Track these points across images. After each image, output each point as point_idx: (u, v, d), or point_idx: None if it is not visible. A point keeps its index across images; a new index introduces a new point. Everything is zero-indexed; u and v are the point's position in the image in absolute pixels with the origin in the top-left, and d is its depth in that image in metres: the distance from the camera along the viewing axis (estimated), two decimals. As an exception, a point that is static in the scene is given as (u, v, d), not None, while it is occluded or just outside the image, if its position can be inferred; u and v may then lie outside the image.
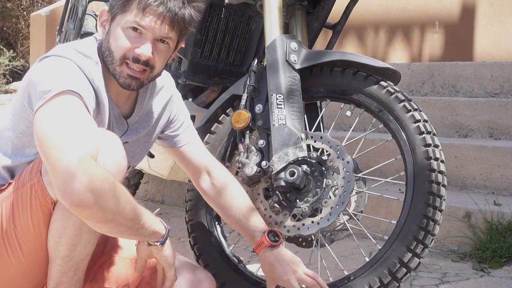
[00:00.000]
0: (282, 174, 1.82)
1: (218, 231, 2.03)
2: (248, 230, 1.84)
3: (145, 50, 1.57)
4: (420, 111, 1.84)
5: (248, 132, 1.94)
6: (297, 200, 1.85)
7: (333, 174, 1.81)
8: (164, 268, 1.63)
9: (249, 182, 1.91)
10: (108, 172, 1.41)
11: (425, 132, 1.80)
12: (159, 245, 1.58)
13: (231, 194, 1.87)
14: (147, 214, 1.53)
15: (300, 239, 1.97)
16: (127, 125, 1.73)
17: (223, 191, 1.87)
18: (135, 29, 1.58)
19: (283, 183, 1.82)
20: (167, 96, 1.83)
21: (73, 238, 1.51)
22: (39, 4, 8.84)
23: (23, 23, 8.88)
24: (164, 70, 1.73)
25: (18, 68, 8.42)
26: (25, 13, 8.90)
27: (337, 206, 1.78)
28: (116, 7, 1.60)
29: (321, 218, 1.80)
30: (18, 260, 1.55)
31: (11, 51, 8.31)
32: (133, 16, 1.57)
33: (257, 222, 1.84)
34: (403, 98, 1.85)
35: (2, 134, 1.63)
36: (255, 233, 1.82)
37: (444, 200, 1.77)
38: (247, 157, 1.89)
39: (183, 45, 1.74)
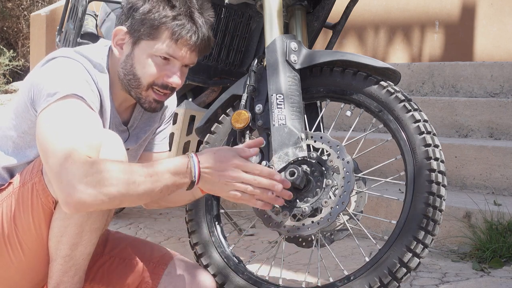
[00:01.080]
0: (282, 174, 1.82)
1: (218, 231, 2.03)
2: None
3: (176, 80, 1.61)
4: (420, 111, 1.84)
5: (248, 132, 1.93)
6: (297, 200, 1.84)
7: (333, 174, 1.81)
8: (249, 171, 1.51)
9: (249, 182, 1.90)
10: (104, 163, 1.40)
11: (425, 132, 1.80)
12: (195, 185, 1.49)
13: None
14: (162, 175, 1.44)
15: (300, 239, 1.97)
16: (128, 132, 1.73)
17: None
18: (165, 58, 1.59)
19: (283, 183, 1.82)
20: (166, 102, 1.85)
21: (74, 237, 1.52)
22: (39, 4, 8.84)
23: (23, 22, 8.88)
24: None
25: (18, 68, 8.41)
26: (25, 12, 8.90)
27: (337, 206, 1.78)
28: (142, 32, 1.58)
29: (321, 218, 1.80)
30: (18, 260, 1.56)
31: (11, 51, 8.31)
32: (165, 46, 1.58)
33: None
34: (403, 98, 1.85)
35: (3, 133, 1.64)
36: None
37: (444, 200, 1.77)
38: (247, 157, 1.89)
39: None
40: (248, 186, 1.49)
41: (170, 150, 2.06)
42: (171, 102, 1.88)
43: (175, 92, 1.95)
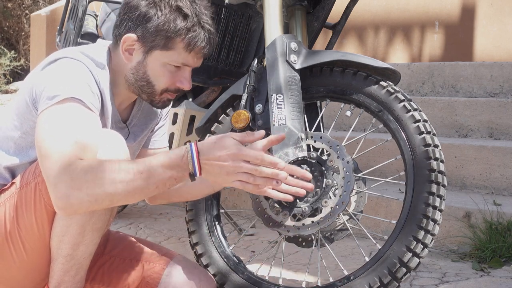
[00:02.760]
0: (282, 174, 1.82)
1: (218, 231, 2.03)
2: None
3: (189, 84, 1.67)
4: (420, 111, 1.85)
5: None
6: (297, 200, 1.85)
7: (333, 174, 1.81)
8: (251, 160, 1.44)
9: (249, 182, 1.91)
10: (91, 170, 1.39)
11: (425, 132, 1.80)
12: (197, 176, 1.45)
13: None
14: (156, 171, 1.42)
15: (300, 239, 1.97)
16: (128, 129, 1.74)
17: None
18: (178, 66, 1.64)
19: (283, 183, 1.82)
20: None
21: (76, 237, 1.52)
22: (40, 3, 8.84)
23: (24, 22, 8.88)
24: None
25: (19, 68, 8.42)
26: (27, 11, 8.90)
27: (337, 206, 1.78)
28: (157, 43, 1.61)
29: (321, 218, 1.80)
30: (21, 259, 1.56)
31: (12, 51, 8.31)
32: (180, 56, 1.62)
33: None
34: (403, 98, 1.85)
35: (4, 134, 1.64)
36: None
37: (444, 200, 1.77)
38: (247, 157, 1.89)
39: None
40: (250, 176, 1.43)
41: (170, 149, 2.06)
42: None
43: None
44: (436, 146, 1.80)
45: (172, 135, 2.44)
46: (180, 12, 1.61)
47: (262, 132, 1.49)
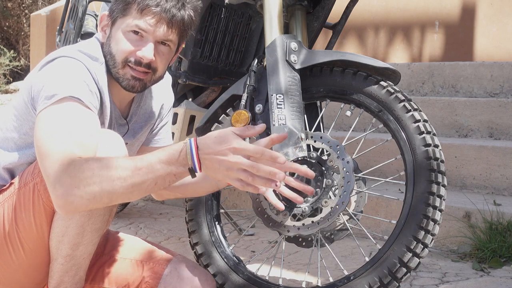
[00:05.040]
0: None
1: (218, 231, 2.03)
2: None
3: (147, 53, 1.58)
4: (420, 111, 1.85)
5: (248, 132, 1.93)
6: (297, 200, 1.85)
7: (333, 174, 1.81)
8: (250, 155, 1.39)
9: (249, 182, 1.90)
10: (88, 167, 1.38)
11: (425, 132, 1.80)
12: (198, 172, 1.41)
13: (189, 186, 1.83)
14: (155, 167, 1.39)
15: (300, 239, 1.97)
16: (128, 125, 1.74)
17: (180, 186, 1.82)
18: (135, 32, 1.59)
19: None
20: (162, 95, 1.85)
21: (75, 237, 1.52)
22: (40, 3, 8.84)
23: (24, 21, 8.88)
24: None
25: (19, 68, 8.41)
26: (26, 11, 8.90)
27: (337, 206, 1.78)
28: (116, 11, 1.61)
29: (321, 218, 1.80)
30: (20, 259, 1.56)
31: (12, 51, 8.31)
32: (133, 19, 1.58)
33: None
34: (403, 98, 1.85)
35: (4, 134, 1.64)
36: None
37: (444, 200, 1.77)
38: (247, 157, 1.89)
39: (183, 46, 1.76)
40: (249, 176, 1.37)
41: None
42: (167, 98, 1.88)
43: (174, 92, 1.95)
44: (436, 146, 1.80)
45: (172, 135, 2.44)
46: None
47: (263, 124, 1.44)
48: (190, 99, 2.55)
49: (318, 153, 1.84)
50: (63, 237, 1.52)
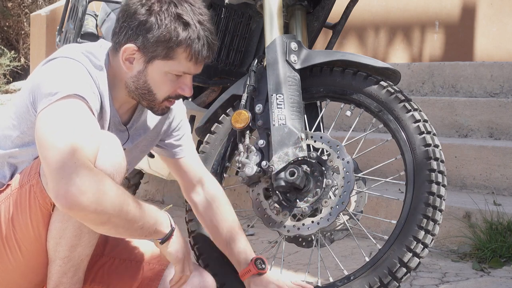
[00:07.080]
0: (282, 174, 1.82)
1: (218, 231, 2.02)
2: (235, 255, 1.87)
3: (190, 91, 1.65)
4: (420, 111, 1.85)
5: (248, 132, 1.94)
6: (297, 200, 1.85)
7: (333, 174, 1.81)
8: (171, 263, 1.65)
9: (249, 182, 1.91)
10: (105, 174, 1.41)
11: (425, 132, 1.80)
12: (160, 243, 1.58)
13: (220, 209, 1.90)
14: (148, 214, 1.51)
15: (300, 239, 1.97)
16: (128, 132, 1.73)
17: (213, 203, 1.90)
18: (179, 75, 1.63)
19: (283, 183, 1.82)
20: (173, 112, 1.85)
21: (73, 239, 1.51)
22: (40, 3, 8.84)
23: (24, 21, 8.88)
24: None
25: (19, 68, 8.41)
26: (27, 10, 8.90)
27: (337, 206, 1.78)
28: (157, 53, 1.58)
29: (321, 218, 1.80)
30: (17, 261, 1.55)
31: (12, 51, 8.31)
32: (181, 65, 1.60)
33: (245, 248, 1.87)
34: (403, 98, 1.85)
35: (3, 132, 1.64)
36: (241, 259, 1.86)
37: (444, 200, 1.77)
38: (247, 157, 1.89)
39: None
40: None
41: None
42: (179, 111, 1.88)
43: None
44: (436, 146, 1.80)
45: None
46: (181, 20, 1.56)
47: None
48: (190, 99, 2.55)
49: (318, 153, 1.84)
50: (61, 239, 1.51)
